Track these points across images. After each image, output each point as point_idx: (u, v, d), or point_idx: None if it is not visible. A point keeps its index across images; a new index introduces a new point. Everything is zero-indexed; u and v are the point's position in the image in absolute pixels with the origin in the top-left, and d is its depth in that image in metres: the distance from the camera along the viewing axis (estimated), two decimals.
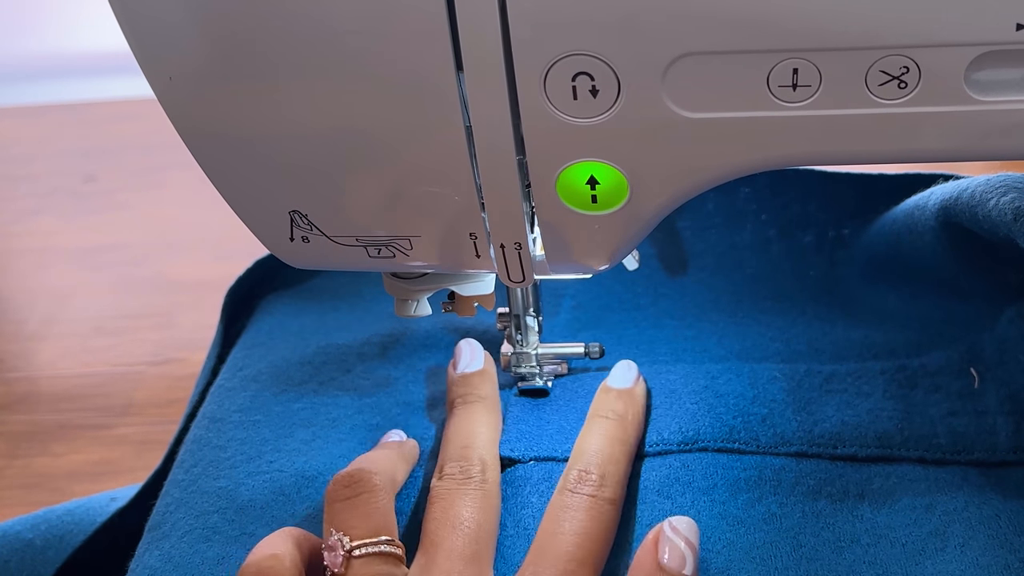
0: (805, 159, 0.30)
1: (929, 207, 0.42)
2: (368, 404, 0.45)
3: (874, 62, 0.27)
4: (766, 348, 0.47)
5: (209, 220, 0.67)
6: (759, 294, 0.50)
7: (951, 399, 0.42)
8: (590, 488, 0.37)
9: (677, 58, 0.27)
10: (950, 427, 0.41)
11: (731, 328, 0.48)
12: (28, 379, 0.57)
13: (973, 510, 0.37)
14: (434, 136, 0.30)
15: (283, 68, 0.28)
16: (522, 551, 0.37)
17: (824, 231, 0.50)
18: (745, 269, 0.51)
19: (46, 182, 0.77)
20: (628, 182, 0.31)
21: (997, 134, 0.28)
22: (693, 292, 0.51)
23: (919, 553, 0.36)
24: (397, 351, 0.48)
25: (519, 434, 0.42)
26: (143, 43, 0.28)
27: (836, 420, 0.41)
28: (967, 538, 0.36)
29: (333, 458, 0.42)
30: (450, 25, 0.27)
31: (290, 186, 0.32)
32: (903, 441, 0.40)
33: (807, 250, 0.51)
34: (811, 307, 0.49)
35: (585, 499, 0.36)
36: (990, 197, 0.36)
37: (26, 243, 0.70)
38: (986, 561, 0.35)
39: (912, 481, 0.39)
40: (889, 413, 0.41)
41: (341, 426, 0.44)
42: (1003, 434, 0.40)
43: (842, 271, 0.50)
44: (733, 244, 0.51)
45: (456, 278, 0.41)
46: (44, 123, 0.86)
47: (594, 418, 0.41)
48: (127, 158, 0.79)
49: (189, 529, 0.39)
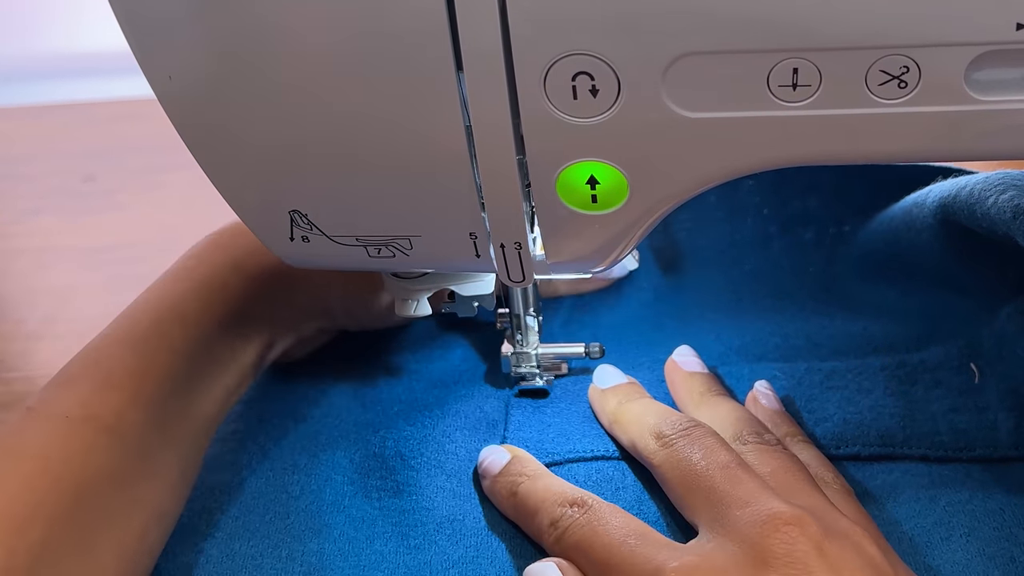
0: (805, 159, 0.30)
1: (927, 204, 0.42)
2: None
3: (874, 62, 0.27)
4: (765, 343, 0.47)
5: (209, 220, 0.67)
6: (759, 291, 0.50)
7: (952, 395, 0.42)
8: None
9: (677, 58, 0.27)
10: (952, 424, 0.41)
11: (730, 326, 0.48)
12: (28, 379, 0.57)
13: (977, 503, 0.38)
14: (434, 136, 0.30)
15: (283, 68, 0.28)
16: (531, 553, 0.37)
17: (825, 228, 0.50)
18: (744, 265, 0.51)
19: (46, 182, 0.77)
20: (628, 182, 0.31)
21: (997, 134, 0.28)
22: (693, 289, 0.51)
23: (925, 545, 0.36)
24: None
25: (520, 442, 0.42)
26: (143, 43, 0.29)
27: (838, 418, 0.41)
28: (971, 528, 0.36)
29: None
30: (450, 25, 0.27)
31: (290, 186, 0.32)
32: (905, 439, 0.40)
33: (807, 247, 0.51)
34: (810, 303, 0.49)
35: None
36: (989, 195, 0.36)
37: (26, 243, 0.70)
38: (992, 552, 0.35)
39: (915, 476, 0.39)
40: (891, 410, 0.42)
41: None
42: (1004, 430, 0.40)
43: (841, 267, 0.50)
44: (733, 240, 0.51)
45: (456, 278, 0.41)
46: (44, 123, 0.86)
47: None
48: (127, 158, 0.79)
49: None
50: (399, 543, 0.38)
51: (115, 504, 0.35)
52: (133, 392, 0.37)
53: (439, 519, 0.39)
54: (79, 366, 0.37)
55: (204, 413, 0.40)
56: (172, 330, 0.39)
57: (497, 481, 0.39)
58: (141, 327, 0.39)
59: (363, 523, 0.39)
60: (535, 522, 0.36)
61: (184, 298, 0.40)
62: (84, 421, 0.35)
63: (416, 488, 0.40)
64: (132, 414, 0.36)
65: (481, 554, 0.37)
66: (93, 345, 0.38)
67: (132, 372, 0.37)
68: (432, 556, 0.37)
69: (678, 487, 0.36)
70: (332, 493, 0.41)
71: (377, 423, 0.44)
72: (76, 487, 0.34)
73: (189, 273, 0.41)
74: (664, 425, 0.38)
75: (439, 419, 0.44)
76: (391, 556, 0.38)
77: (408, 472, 0.41)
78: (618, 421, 0.41)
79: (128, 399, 0.36)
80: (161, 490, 0.37)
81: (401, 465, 0.41)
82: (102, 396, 0.36)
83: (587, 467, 0.40)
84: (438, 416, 0.44)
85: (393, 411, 0.45)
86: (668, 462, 0.36)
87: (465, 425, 0.43)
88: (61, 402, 0.36)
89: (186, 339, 0.39)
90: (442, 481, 0.40)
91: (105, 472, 0.35)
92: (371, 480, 0.41)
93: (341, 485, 0.41)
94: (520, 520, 0.38)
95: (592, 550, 0.34)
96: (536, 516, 0.36)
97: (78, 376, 0.37)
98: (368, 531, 0.39)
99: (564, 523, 0.35)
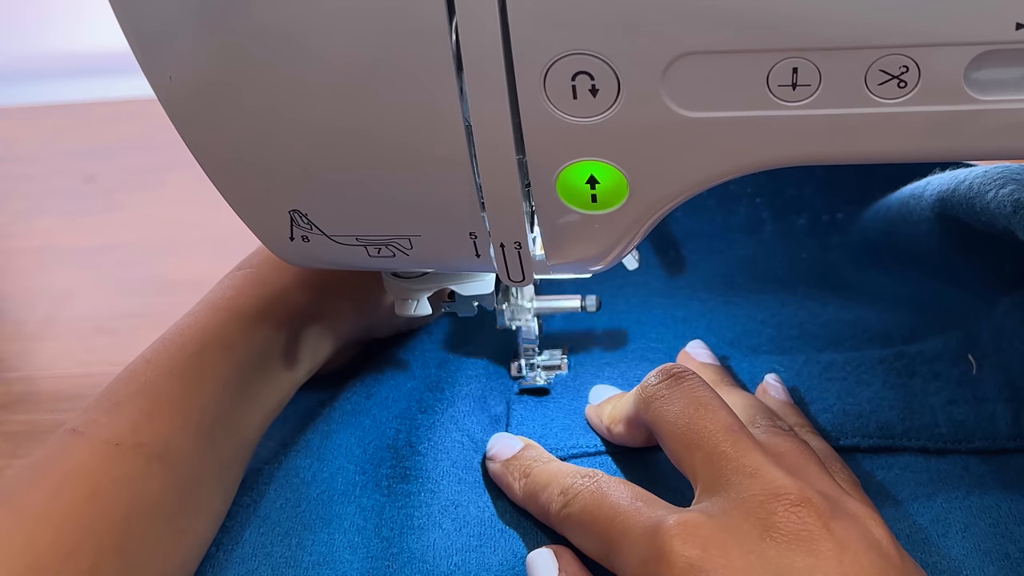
0: (805, 158, 0.30)
1: (925, 197, 0.42)
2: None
3: (874, 61, 0.27)
4: (759, 334, 0.47)
5: (209, 220, 0.67)
6: (751, 275, 0.50)
7: (950, 387, 0.42)
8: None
9: (677, 57, 0.27)
10: (950, 416, 0.41)
11: (721, 309, 0.49)
12: (28, 379, 0.57)
13: (974, 499, 0.38)
14: (434, 136, 0.30)
15: (283, 68, 0.28)
16: (533, 543, 0.37)
17: (818, 215, 0.51)
18: (737, 250, 0.51)
19: (46, 182, 0.77)
20: (628, 182, 0.31)
21: (997, 134, 0.28)
22: (685, 273, 0.51)
23: (923, 542, 0.37)
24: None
25: (524, 436, 0.42)
26: (144, 44, 0.29)
27: (838, 410, 0.42)
28: (968, 524, 0.37)
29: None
30: (450, 24, 0.27)
31: (290, 186, 0.32)
32: (905, 431, 0.41)
33: (800, 233, 0.51)
34: (802, 288, 0.49)
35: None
36: (988, 189, 0.36)
37: (26, 243, 0.70)
38: (987, 547, 0.36)
39: (914, 472, 0.40)
40: (890, 402, 0.42)
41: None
42: (1003, 421, 0.40)
43: (835, 255, 0.50)
44: (727, 225, 0.52)
45: (456, 278, 0.41)
46: (44, 123, 0.86)
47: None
48: (127, 158, 0.79)
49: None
50: (404, 524, 0.38)
51: (162, 535, 0.35)
52: (181, 420, 0.36)
53: (444, 502, 0.39)
54: (125, 392, 0.37)
55: (245, 440, 0.40)
56: (217, 358, 0.39)
57: (509, 464, 0.39)
58: (186, 354, 0.38)
59: (372, 512, 0.39)
60: (544, 495, 0.37)
61: (226, 328, 0.40)
62: (134, 448, 0.35)
63: (423, 472, 0.40)
64: (179, 442, 0.36)
65: (485, 543, 0.38)
66: (138, 370, 0.38)
67: (179, 400, 0.37)
68: (437, 538, 0.38)
69: (675, 441, 0.35)
70: (344, 482, 0.41)
71: (385, 416, 0.44)
72: (126, 517, 0.33)
73: (229, 303, 0.41)
74: (652, 377, 0.37)
75: (445, 411, 0.44)
76: (397, 541, 0.38)
77: (415, 458, 0.41)
78: (612, 413, 0.41)
79: (176, 427, 0.36)
80: (205, 521, 0.37)
81: (409, 452, 0.42)
82: (151, 424, 0.36)
83: (590, 461, 0.41)
84: (443, 410, 0.44)
85: (402, 405, 0.45)
86: (662, 411, 0.35)
87: (470, 418, 0.44)
88: (110, 427, 0.35)
89: (231, 367, 0.39)
90: (447, 466, 0.41)
91: (154, 502, 0.35)
92: (382, 469, 0.41)
93: (353, 474, 0.41)
94: (528, 498, 0.38)
95: (599, 510, 0.34)
96: (546, 489, 0.37)
97: (125, 402, 0.36)
98: (376, 519, 0.39)
99: (574, 490, 0.35)
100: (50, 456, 0.35)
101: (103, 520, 0.33)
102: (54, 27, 0.91)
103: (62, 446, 0.35)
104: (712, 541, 0.30)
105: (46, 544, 0.31)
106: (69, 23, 0.91)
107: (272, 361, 0.41)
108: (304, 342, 0.43)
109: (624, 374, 0.46)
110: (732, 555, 0.29)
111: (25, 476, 0.34)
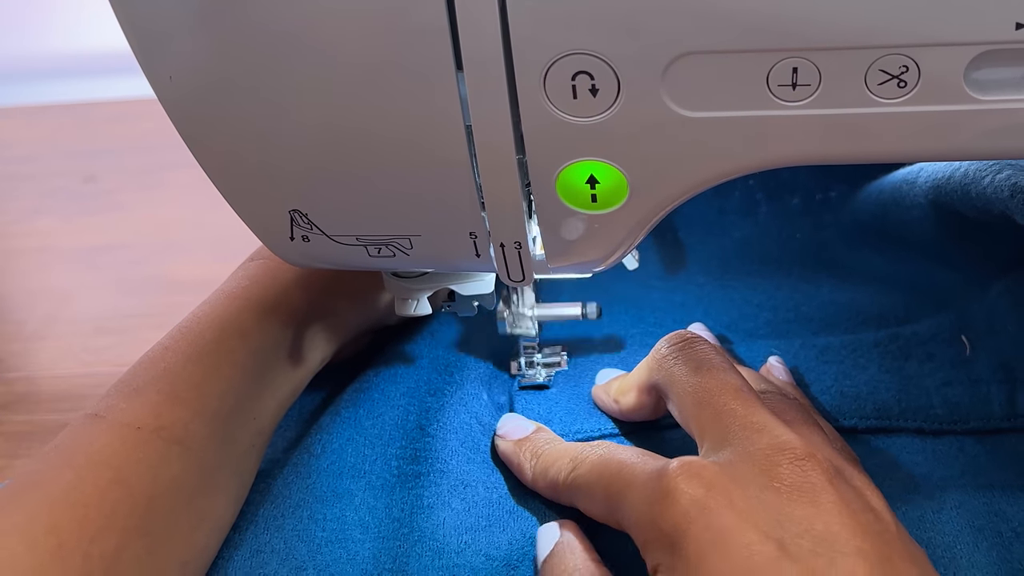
0: (805, 158, 0.30)
1: (919, 184, 0.42)
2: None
3: (873, 61, 0.27)
4: (756, 318, 0.47)
5: (209, 220, 0.67)
6: (746, 257, 0.51)
7: (945, 368, 0.43)
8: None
9: (677, 57, 0.27)
10: (945, 397, 0.42)
11: (718, 294, 0.49)
12: (28, 379, 0.57)
13: (969, 478, 0.38)
14: (434, 136, 0.30)
15: (283, 68, 0.28)
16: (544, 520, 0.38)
17: (811, 194, 0.51)
18: (733, 233, 0.51)
19: (46, 182, 0.77)
20: (628, 181, 0.31)
21: (996, 133, 0.28)
22: (681, 255, 0.51)
23: (919, 519, 0.37)
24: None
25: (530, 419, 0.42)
26: (144, 44, 0.29)
27: (835, 391, 0.42)
28: (962, 502, 0.37)
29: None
30: (450, 24, 0.27)
31: (290, 186, 0.32)
32: (901, 412, 0.41)
33: (794, 213, 0.51)
34: (797, 270, 0.50)
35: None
36: (985, 175, 0.36)
37: (26, 243, 0.70)
38: (980, 524, 0.36)
39: (910, 452, 0.40)
40: (886, 384, 0.42)
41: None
42: (997, 402, 0.41)
43: (828, 233, 0.51)
44: (722, 208, 0.52)
45: (456, 277, 0.41)
46: (44, 123, 0.86)
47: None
48: (127, 158, 0.79)
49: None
50: (414, 504, 0.39)
51: (183, 517, 0.35)
52: (200, 405, 0.37)
53: (453, 482, 0.39)
54: (145, 378, 0.37)
55: (261, 427, 0.40)
56: (234, 345, 0.39)
57: (522, 444, 0.40)
58: (203, 341, 0.39)
59: (382, 491, 0.39)
60: (554, 468, 0.37)
61: (242, 316, 0.40)
62: (155, 432, 0.35)
63: (432, 453, 0.41)
64: (198, 427, 0.36)
65: (493, 523, 0.38)
66: (157, 357, 0.38)
67: (198, 385, 0.37)
68: (446, 517, 0.38)
69: (684, 399, 0.35)
70: (353, 454, 0.41)
71: (395, 392, 0.44)
72: (148, 499, 0.34)
73: (245, 292, 0.42)
74: (664, 342, 0.38)
75: (454, 393, 0.44)
76: (407, 521, 0.38)
77: (425, 440, 0.41)
78: (620, 386, 0.41)
79: (195, 412, 0.37)
80: (224, 504, 0.38)
81: (419, 434, 0.42)
82: (171, 408, 0.36)
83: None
84: (453, 392, 0.44)
85: (411, 386, 0.45)
86: (674, 371, 0.36)
87: (478, 400, 0.44)
88: (131, 412, 0.36)
89: (247, 354, 0.39)
90: (456, 447, 0.41)
91: (175, 484, 0.35)
92: (391, 448, 0.41)
93: (362, 447, 0.41)
94: (539, 475, 0.38)
95: (606, 467, 0.34)
96: (556, 463, 0.37)
97: (145, 387, 0.37)
98: (387, 499, 0.39)
99: (584, 455, 0.36)
100: (72, 440, 0.35)
101: (126, 502, 0.33)
102: (54, 27, 0.91)
103: (84, 430, 0.35)
104: (716, 483, 0.30)
105: (71, 527, 0.31)
106: (69, 23, 0.91)
107: (286, 349, 0.42)
108: (317, 331, 0.43)
109: (624, 360, 0.46)
110: (735, 496, 0.30)
111: (48, 460, 0.34)
